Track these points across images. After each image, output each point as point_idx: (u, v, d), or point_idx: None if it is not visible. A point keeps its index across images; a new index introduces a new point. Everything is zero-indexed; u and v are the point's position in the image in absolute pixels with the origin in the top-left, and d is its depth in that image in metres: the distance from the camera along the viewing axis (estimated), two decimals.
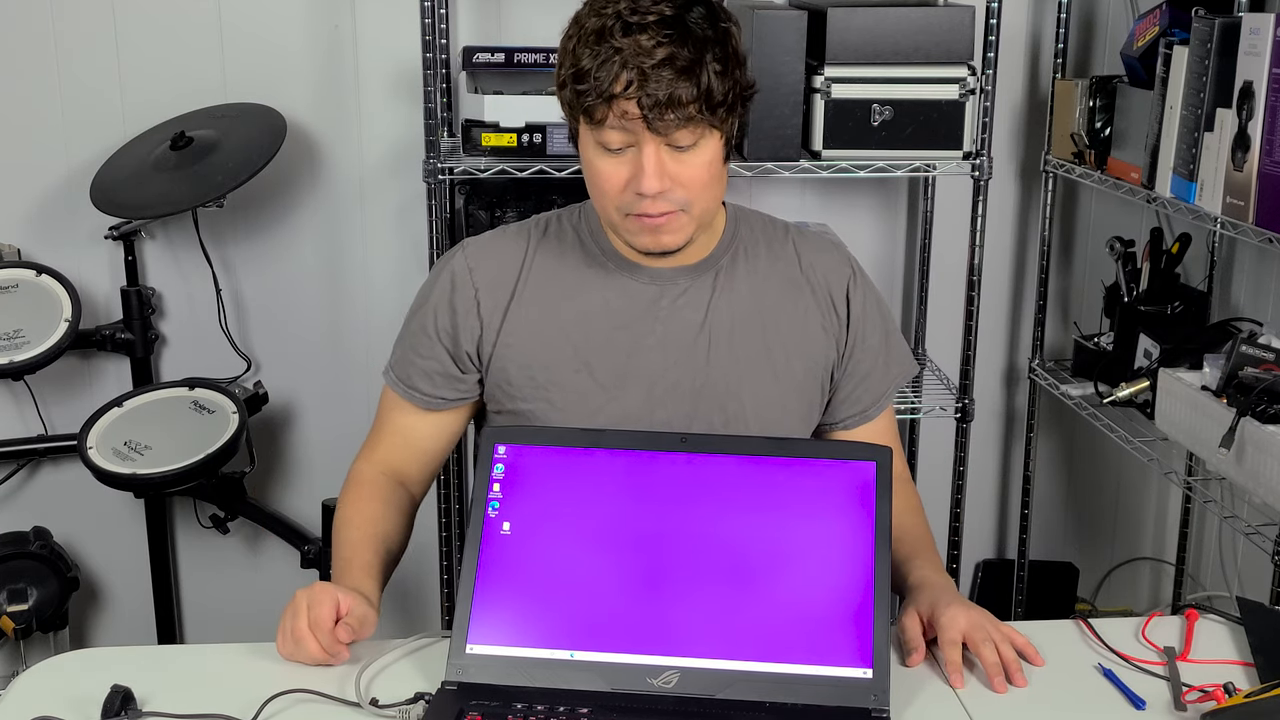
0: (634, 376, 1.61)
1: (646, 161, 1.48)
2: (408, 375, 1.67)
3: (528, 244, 1.66)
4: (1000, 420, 3.07)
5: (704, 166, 1.51)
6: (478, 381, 1.67)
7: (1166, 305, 2.47)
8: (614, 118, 1.47)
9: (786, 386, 1.64)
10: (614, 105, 1.46)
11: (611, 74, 1.44)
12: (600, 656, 1.39)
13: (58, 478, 2.82)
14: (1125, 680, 1.45)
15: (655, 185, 1.48)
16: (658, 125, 1.45)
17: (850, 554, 1.41)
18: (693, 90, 1.45)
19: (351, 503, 1.65)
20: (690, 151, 1.49)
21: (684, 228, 1.54)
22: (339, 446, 2.86)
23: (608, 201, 1.54)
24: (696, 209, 1.53)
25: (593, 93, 1.46)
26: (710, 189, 1.54)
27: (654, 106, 1.44)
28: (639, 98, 1.44)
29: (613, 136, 1.49)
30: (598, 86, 1.45)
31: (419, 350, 1.66)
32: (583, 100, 1.47)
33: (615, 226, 1.57)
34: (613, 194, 1.52)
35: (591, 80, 1.46)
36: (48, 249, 2.69)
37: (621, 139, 1.49)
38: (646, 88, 1.43)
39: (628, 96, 1.45)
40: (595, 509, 1.44)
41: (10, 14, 2.62)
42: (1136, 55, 2.39)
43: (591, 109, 1.47)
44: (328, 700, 1.39)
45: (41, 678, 1.48)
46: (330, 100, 2.73)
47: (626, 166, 1.50)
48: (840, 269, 1.69)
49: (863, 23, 2.39)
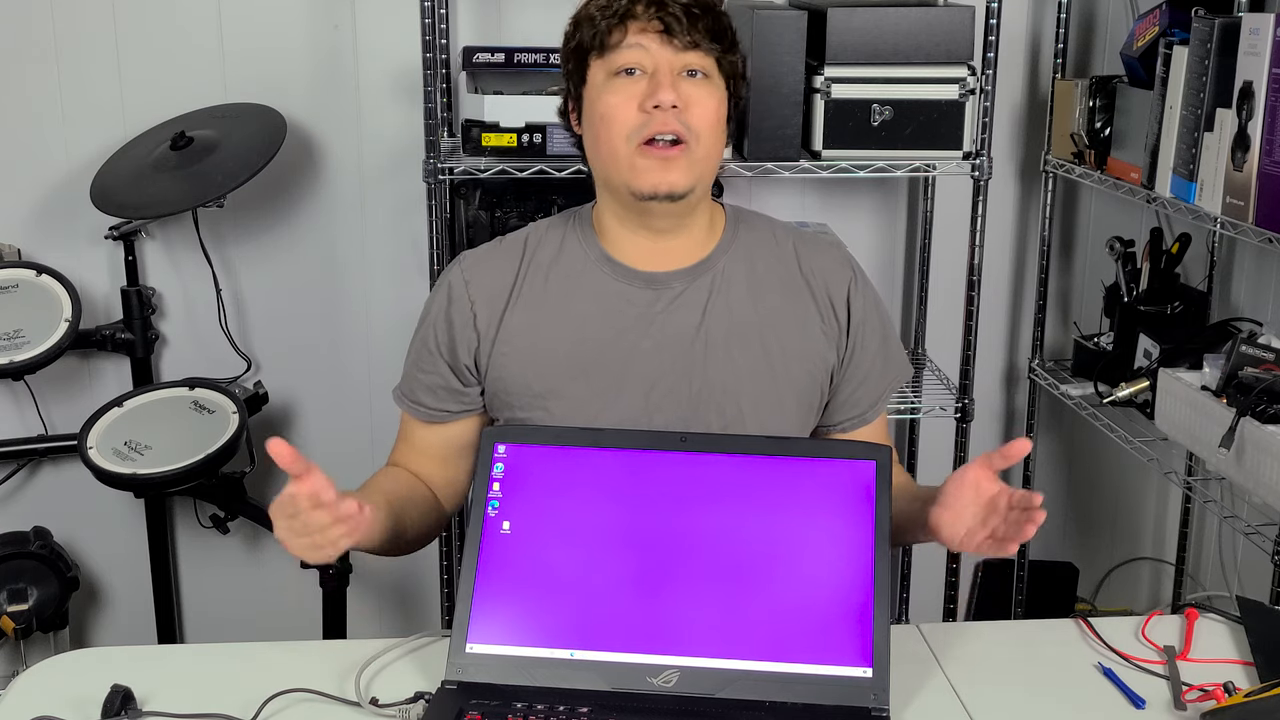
0: (631, 381, 1.61)
1: (662, 74, 1.53)
2: (412, 390, 1.69)
3: (523, 253, 1.66)
4: (1000, 420, 3.07)
5: (713, 105, 1.56)
6: (480, 393, 1.67)
7: (1166, 305, 2.47)
8: (631, 35, 1.54)
9: (785, 390, 1.64)
10: (631, 24, 1.53)
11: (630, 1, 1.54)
12: (600, 656, 1.39)
13: (58, 478, 2.82)
14: (1125, 680, 1.45)
15: (670, 95, 1.52)
16: (677, 31, 1.52)
17: (850, 553, 1.41)
18: (708, 20, 1.54)
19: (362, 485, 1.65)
20: (701, 80, 1.56)
21: (689, 168, 1.56)
22: (339, 446, 2.87)
23: (616, 131, 1.55)
24: (701, 148, 1.56)
25: (609, 18, 1.54)
26: (712, 134, 1.57)
27: (675, 19, 1.52)
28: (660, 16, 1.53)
29: (628, 56, 1.54)
30: (615, 11, 1.54)
31: (421, 366, 1.68)
32: (595, 30, 1.55)
33: (621, 168, 1.56)
34: (624, 120, 1.54)
35: (607, 9, 1.54)
36: (48, 249, 2.69)
37: (637, 58, 1.54)
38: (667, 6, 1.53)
39: (648, 16, 1.53)
40: (595, 509, 1.44)
41: (10, 14, 2.62)
42: (1136, 55, 2.39)
43: (606, 35, 1.54)
44: (328, 700, 1.39)
45: (41, 678, 1.48)
46: (330, 100, 2.73)
47: (640, 85, 1.54)
48: (841, 272, 1.69)
49: (863, 23, 2.39)
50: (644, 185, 1.55)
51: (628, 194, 1.57)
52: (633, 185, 1.56)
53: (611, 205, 1.63)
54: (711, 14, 1.56)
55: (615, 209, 1.62)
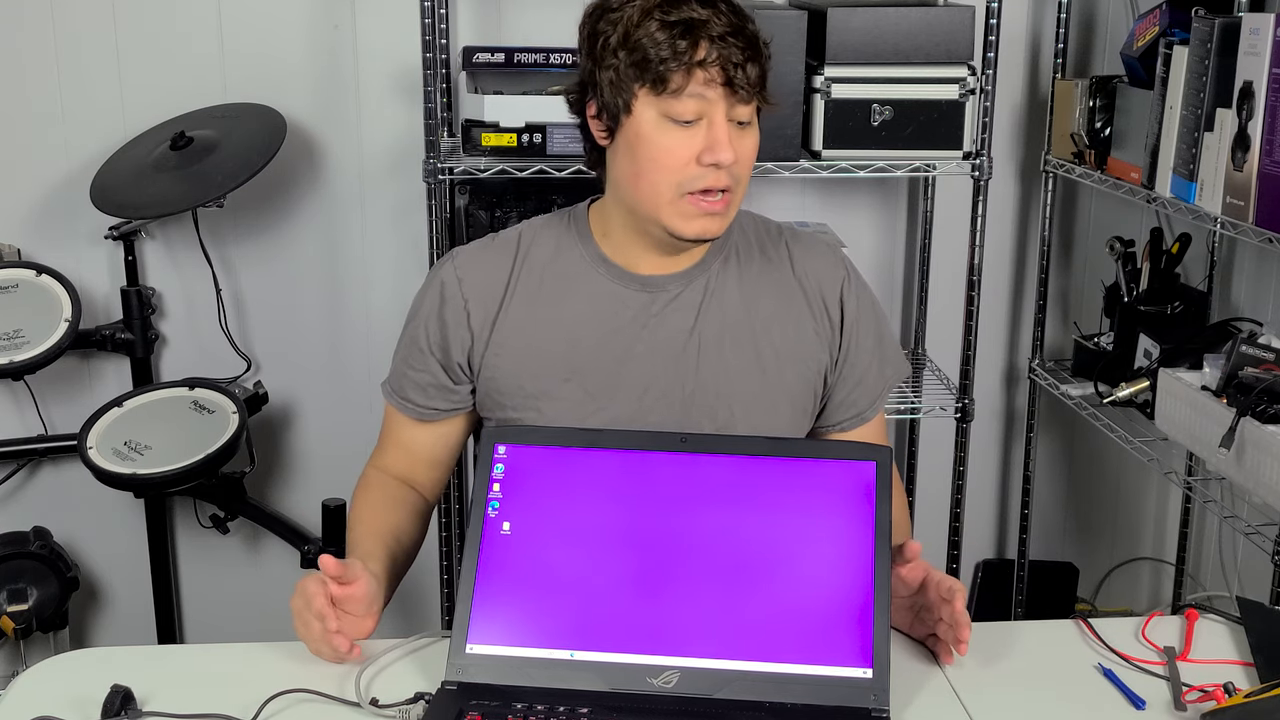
0: (623, 384, 1.61)
1: (720, 129, 1.50)
2: (402, 387, 1.68)
3: (516, 252, 1.65)
4: (1000, 420, 3.07)
5: (752, 149, 1.55)
6: (470, 392, 1.67)
7: (1166, 305, 2.47)
8: (694, 85, 1.48)
9: (778, 392, 1.64)
10: (694, 73, 1.48)
11: (692, 40, 1.47)
12: (600, 656, 1.39)
13: (58, 478, 2.82)
14: (1125, 680, 1.45)
15: (730, 155, 1.50)
16: (738, 84, 1.48)
17: (850, 554, 1.41)
18: (759, 63, 1.51)
19: (358, 505, 1.66)
20: (747, 129, 1.54)
21: (729, 214, 1.56)
22: (339, 446, 2.87)
23: (667, 177, 1.51)
24: (739, 194, 1.56)
25: (673, 58, 1.47)
26: (749, 174, 1.57)
27: (737, 68, 1.48)
28: (722, 64, 1.47)
29: (688, 106, 1.49)
30: (679, 52, 1.47)
31: (411, 363, 1.67)
32: (655, 67, 1.48)
33: (662, 212, 1.53)
34: (676, 168, 1.51)
35: (672, 48, 1.47)
36: (48, 249, 2.69)
37: (696, 109, 1.49)
38: (728, 54, 1.48)
39: (711, 63, 1.47)
40: (595, 509, 1.44)
41: (10, 14, 2.62)
42: (1136, 55, 2.39)
43: (666, 77, 1.48)
44: (328, 700, 1.39)
45: (41, 678, 1.48)
46: (330, 100, 2.73)
47: (696, 139, 1.50)
48: (834, 272, 1.68)
49: (863, 23, 2.39)
50: (688, 232, 1.54)
51: (662, 232, 1.55)
52: (673, 229, 1.54)
53: (625, 218, 1.60)
54: (761, 55, 1.52)
55: (630, 224, 1.60)
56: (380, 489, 1.68)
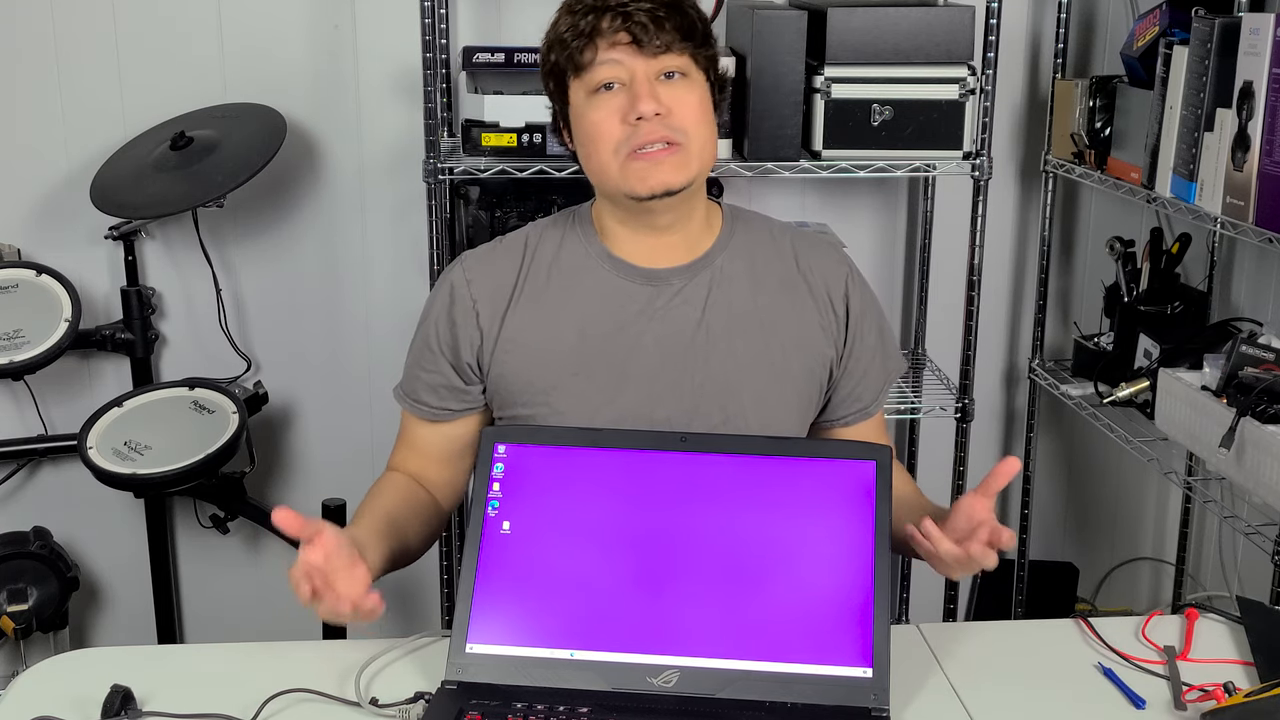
0: (633, 377, 1.62)
1: (640, 85, 1.53)
2: (414, 390, 1.69)
3: (523, 252, 1.67)
4: (1000, 420, 3.07)
5: (695, 101, 1.56)
6: (481, 392, 1.68)
7: (1166, 305, 2.47)
8: (603, 52, 1.53)
9: (785, 384, 1.65)
10: (600, 41, 1.53)
11: (594, 16, 1.53)
12: (600, 656, 1.39)
13: (58, 478, 2.82)
14: (1125, 680, 1.45)
15: (651, 104, 1.52)
16: (645, 40, 1.52)
17: (850, 553, 1.41)
18: (675, 20, 1.54)
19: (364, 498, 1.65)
20: (680, 83, 1.55)
21: (682, 165, 1.56)
22: (339, 446, 2.87)
23: (605, 146, 1.55)
24: (694, 143, 1.56)
25: (578, 37, 1.54)
26: (702, 127, 1.57)
27: (642, 27, 1.52)
28: (627, 27, 1.52)
29: (603, 72, 1.54)
30: (583, 30, 1.53)
31: (423, 365, 1.68)
32: (568, 52, 1.55)
33: (615, 178, 1.56)
34: (610, 135, 1.55)
35: (575, 29, 1.54)
36: (48, 249, 2.69)
37: (612, 73, 1.54)
38: (633, 16, 1.52)
39: (614, 29, 1.52)
40: (595, 508, 1.44)
41: (10, 14, 2.62)
42: (1136, 55, 2.39)
43: (579, 55, 1.54)
44: (328, 700, 1.39)
45: (41, 678, 1.48)
46: (330, 100, 2.73)
47: (619, 98, 1.54)
48: (837, 269, 1.69)
49: (863, 23, 2.39)
50: (640, 188, 1.56)
51: (626, 199, 1.58)
52: (629, 191, 1.56)
53: (610, 208, 1.64)
54: (678, 12, 1.55)
55: (615, 211, 1.63)
56: (386, 482, 1.69)
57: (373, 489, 1.67)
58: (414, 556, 1.65)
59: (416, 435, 1.71)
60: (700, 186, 1.63)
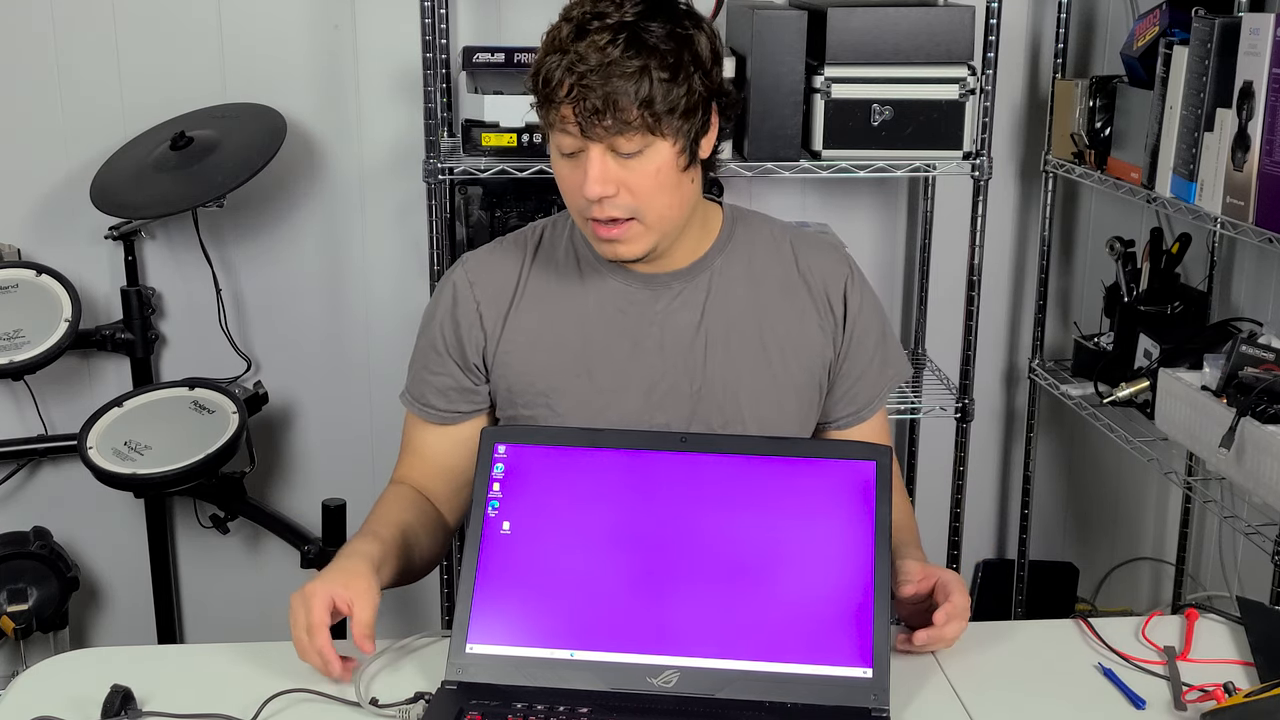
0: (633, 380, 1.62)
1: (590, 167, 1.48)
2: (422, 394, 1.68)
3: (525, 253, 1.67)
4: (1000, 420, 3.07)
5: (651, 174, 1.50)
6: (489, 392, 1.67)
7: (1166, 305, 2.47)
8: (561, 122, 1.48)
9: (784, 387, 1.64)
10: (560, 109, 1.47)
11: (556, 78, 1.46)
12: (600, 656, 1.39)
13: (58, 478, 2.82)
14: (1125, 680, 1.45)
15: (596, 190, 1.48)
16: (591, 131, 1.46)
17: (850, 554, 1.41)
18: (630, 97, 1.44)
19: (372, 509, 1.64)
20: (636, 159, 1.49)
21: (639, 238, 1.54)
22: (339, 446, 2.87)
23: (571, 205, 1.56)
24: (650, 216, 1.53)
25: (546, 98, 1.48)
26: (661, 196, 1.52)
27: (589, 113, 1.45)
28: (575, 105, 1.45)
29: (564, 140, 1.50)
30: (547, 92, 1.47)
31: (430, 368, 1.67)
32: (539, 103, 1.50)
33: (584, 230, 1.58)
34: (573, 195, 1.54)
35: (543, 85, 1.48)
36: (48, 249, 2.69)
37: (572, 144, 1.50)
38: (584, 94, 1.44)
39: (567, 102, 1.46)
40: (595, 509, 1.44)
41: (10, 14, 2.62)
42: (1136, 55, 2.39)
43: (548, 113, 1.50)
44: (328, 700, 1.39)
45: (41, 678, 1.48)
46: (330, 100, 2.73)
47: (578, 170, 1.51)
48: (838, 269, 1.69)
49: (863, 23, 2.39)
50: (603, 254, 1.58)
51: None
52: (595, 249, 1.58)
53: None
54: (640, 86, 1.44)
55: None
56: (395, 497, 1.66)
57: (382, 501, 1.65)
58: (417, 576, 1.64)
59: (424, 442, 1.70)
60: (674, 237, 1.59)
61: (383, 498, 1.66)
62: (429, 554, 1.65)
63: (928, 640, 1.47)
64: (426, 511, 1.66)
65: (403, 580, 1.59)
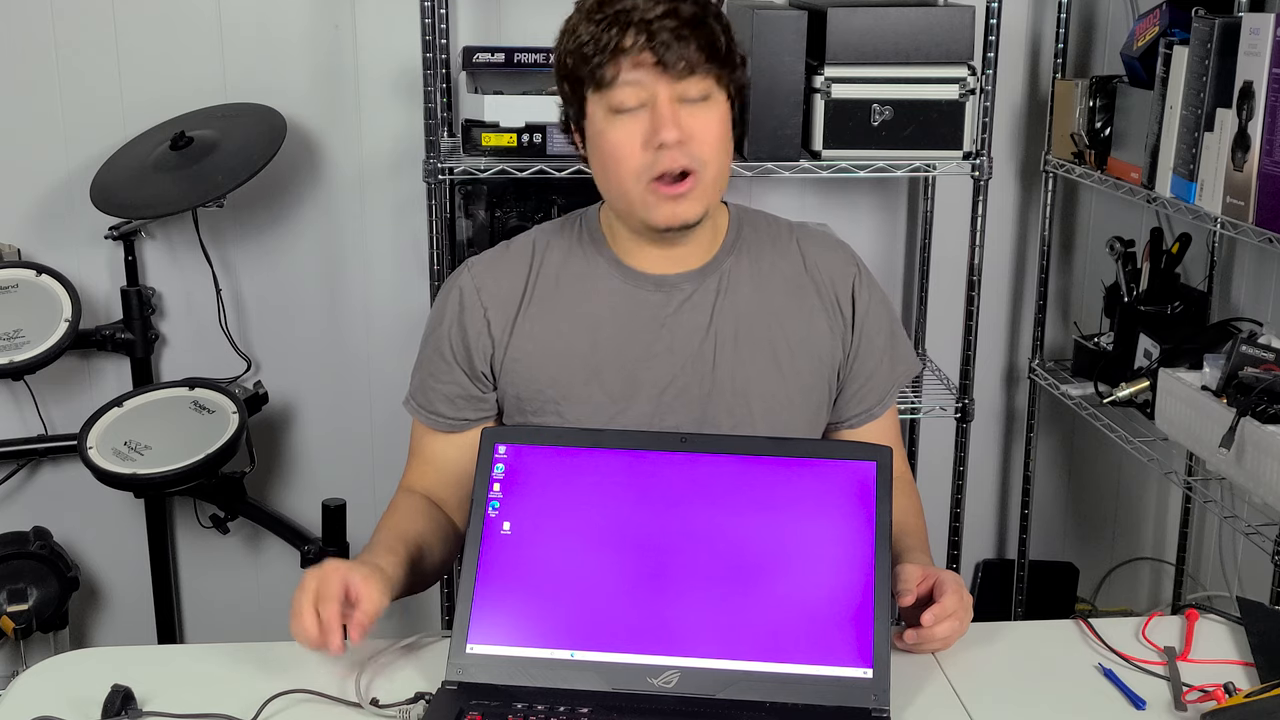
0: (643, 384, 1.61)
1: (662, 109, 1.48)
2: (429, 401, 1.66)
3: (531, 257, 1.65)
4: (1000, 420, 3.07)
5: (716, 123, 1.52)
6: (497, 399, 1.66)
7: (1166, 305, 2.47)
8: (625, 72, 1.48)
9: (794, 387, 1.64)
10: (623, 60, 1.47)
11: (618, 30, 1.47)
12: (600, 656, 1.39)
13: (58, 478, 2.82)
14: (1125, 680, 1.45)
15: (672, 133, 1.48)
16: (670, 63, 1.46)
17: (850, 554, 1.41)
18: (700, 39, 1.48)
19: (383, 519, 1.63)
20: (700, 106, 1.50)
21: (700, 196, 1.53)
22: (339, 446, 2.87)
23: (625, 170, 1.52)
24: (710, 172, 1.52)
25: (600, 52, 1.47)
26: (722, 152, 1.53)
27: (666, 47, 1.46)
28: (651, 46, 1.46)
29: (625, 94, 1.49)
30: (605, 45, 1.47)
31: (437, 375, 1.65)
32: (589, 66, 1.48)
33: (634, 205, 1.54)
34: (629, 159, 1.50)
35: (597, 43, 1.47)
36: (48, 249, 2.69)
37: (634, 95, 1.49)
38: (656, 35, 1.46)
39: (638, 48, 1.46)
40: (595, 509, 1.44)
41: (10, 14, 2.62)
42: (1136, 55, 2.39)
43: (600, 71, 1.48)
44: (328, 700, 1.39)
45: (41, 678, 1.48)
46: (330, 100, 2.73)
47: (641, 124, 1.49)
48: (845, 268, 1.69)
49: (863, 23, 2.39)
50: (659, 220, 1.54)
51: (644, 226, 1.56)
52: (648, 220, 1.54)
53: (622, 221, 1.61)
54: (704, 30, 1.49)
55: (627, 225, 1.61)
56: (405, 505, 1.65)
57: (394, 510, 1.64)
58: (429, 584, 1.63)
59: (433, 449, 1.68)
60: (720, 195, 1.60)
61: (393, 506, 1.65)
62: (440, 561, 1.64)
63: (917, 640, 1.47)
64: (437, 519, 1.65)
65: (413, 590, 1.58)
